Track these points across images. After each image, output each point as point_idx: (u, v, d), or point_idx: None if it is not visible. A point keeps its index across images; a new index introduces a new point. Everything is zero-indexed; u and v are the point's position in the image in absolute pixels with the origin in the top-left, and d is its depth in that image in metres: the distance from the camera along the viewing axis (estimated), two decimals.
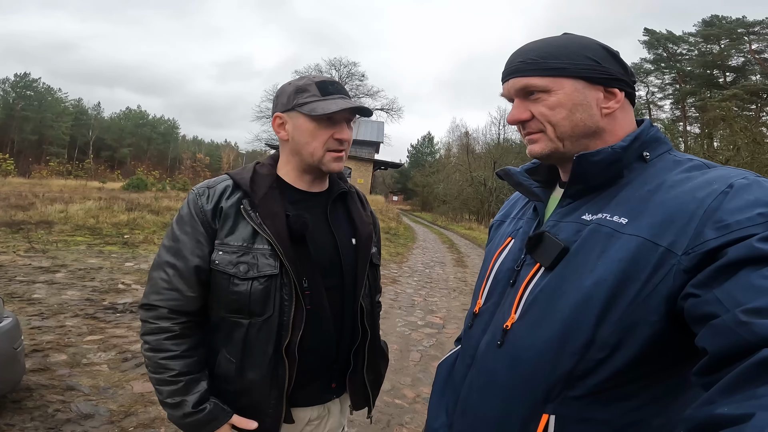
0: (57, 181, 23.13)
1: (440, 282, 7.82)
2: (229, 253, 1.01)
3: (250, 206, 1.03)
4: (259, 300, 1.00)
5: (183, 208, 1.07)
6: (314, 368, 1.09)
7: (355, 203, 1.23)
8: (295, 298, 1.02)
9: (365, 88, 51.27)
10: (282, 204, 1.07)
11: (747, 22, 31.33)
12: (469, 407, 0.79)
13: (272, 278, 1.00)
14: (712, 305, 0.52)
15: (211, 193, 1.06)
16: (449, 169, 38.26)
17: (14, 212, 9.14)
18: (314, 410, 1.13)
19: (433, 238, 17.12)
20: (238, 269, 1.00)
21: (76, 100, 64.11)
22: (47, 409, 2.47)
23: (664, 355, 0.63)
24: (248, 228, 1.02)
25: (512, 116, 0.78)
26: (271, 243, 1.00)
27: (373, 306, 1.21)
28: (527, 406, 0.69)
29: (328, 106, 1.03)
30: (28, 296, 4.55)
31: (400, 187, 59.24)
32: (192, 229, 1.03)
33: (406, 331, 4.68)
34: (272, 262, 1.01)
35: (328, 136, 1.06)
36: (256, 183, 1.07)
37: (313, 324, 1.05)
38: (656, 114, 37.41)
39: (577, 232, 0.72)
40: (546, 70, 0.73)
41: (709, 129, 23.80)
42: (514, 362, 0.71)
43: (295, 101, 1.06)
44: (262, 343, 1.01)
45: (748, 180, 0.61)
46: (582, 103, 0.73)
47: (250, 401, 1.04)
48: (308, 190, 1.15)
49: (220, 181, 1.09)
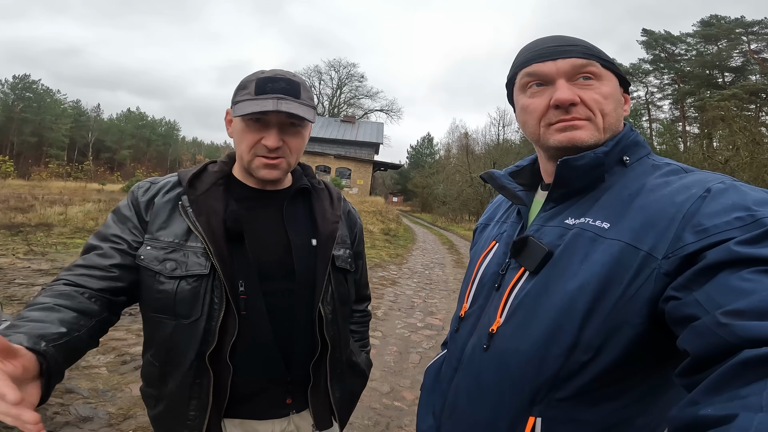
0: (56, 183, 23.12)
1: (440, 283, 7.82)
2: (157, 248, 0.94)
3: (188, 202, 0.98)
4: (185, 301, 0.92)
5: (121, 201, 1.04)
6: (255, 379, 1.00)
7: (320, 201, 1.13)
8: (226, 302, 0.94)
9: (365, 89, 51.39)
10: (224, 201, 1.00)
11: (746, 22, 31.37)
12: (456, 410, 0.80)
13: (201, 278, 0.93)
14: (693, 307, 0.53)
15: (151, 187, 1.02)
16: (449, 170, 38.23)
17: (13, 214, 9.14)
18: (274, 424, 1.05)
19: (433, 239, 17.13)
20: (165, 266, 0.93)
21: (75, 101, 64.10)
22: (46, 412, 2.47)
23: (647, 357, 0.64)
24: (183, 225, 0.96)
25: (567, 95, 0.72)
26: (203, 240, 0.94)
27: (336, 314, 1.08)
28: (514, 408, 0.70)
29: (250, 106, 0.93)
30: (28, 299, 4.55)
31: (400, 188, 59.25)
32: (120, 217, 0.99)
33: (406, 333, 4.68)
34: (203, 261, 0.93)
35: (255, 140, 0.97)
36: (199, 179, 1.02)
37: (247, 331, 0.96)
38: (655, 114, 37.48)
39: (560, 236, 0.73)
40: (602, 60, 0.76)
41: (709, 129, 23.81)
42: (500, 365, 0.72)
43: (234, 98, 0.99)
44: (185, 347, 0.93)
45: (725, 184, 0.63)
46: (620, 100, 0.77)
47: (168, 408, 0.98)
48: (261, 187, 1.07)
49: (167, 177, 1.06)
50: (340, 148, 32.11)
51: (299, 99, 0.97)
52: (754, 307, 0.46)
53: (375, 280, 7.25)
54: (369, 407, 2.93)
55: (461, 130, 48.07)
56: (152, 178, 1.06)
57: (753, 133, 16.37)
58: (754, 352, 0.43)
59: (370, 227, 13.47)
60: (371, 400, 3.03)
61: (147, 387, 1.02)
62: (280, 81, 0.96)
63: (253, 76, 0.98)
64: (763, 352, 0.42)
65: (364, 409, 2.89)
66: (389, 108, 51.26)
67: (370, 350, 1.39)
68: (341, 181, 24.86)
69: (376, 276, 7.64)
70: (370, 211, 17.25)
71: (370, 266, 8.46)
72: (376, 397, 3.09)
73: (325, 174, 29.93)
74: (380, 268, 8.48)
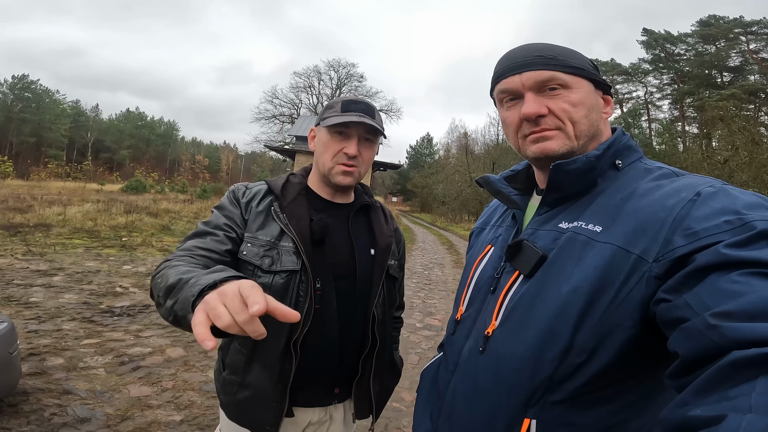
0: (55, 183, 23.09)
1: (439, 284, 7.82)
2: (257, 246, 1.10)
3: (279, 209, 1.14)
4: (278, 293, 1.05)
5: (223, 200, 1.19)
6: (315, 368, 1.11)
7: (377, 217, 1.30)
8: (310, 295, 1.07)
9: (364, 89, 51.35)
10: (307, 209, 1.16)
11: (744, 21, 31.41)
12: (453, 413, 0.80)
13: (293, 274, 1.08)
14: (683, 310, 0.53)
15: (247, 191, 1.19)
16: (448, 170, 38.27)
17: (12, 215, 9.13)
18: (315, 413, 1.16)
19: (432, 239, 17.12)
20: (263, 261, 1.08)
21: (74, 101, 63.98)
22: (44, 413, 2.47)
23: (640, 360, 0.64)
24: (276, 227, 1.12)
25: (532, 109, 0.74)
26: (294, 242, 1.09)
27: (385, 316, 1.23)
28: (510, 411, 0.70)
29: (337, 119, 1.11)
30: (26, 300, 4.55)
31: (400, 189, 59.25)
32: (228, 212, 1.14)
33: (405, 334, 4.68)
34: (294, 259, 1.08)
35: (339, 149, 1.14)
36: (286, 189, 1.19)
37: (319, 323, 1.09)
38: (654, 114, 37.48)
39: (554, 240, 0.73)
40: (568, 67, 0.75)
41: (708, 129, 23.85)
42: (496, 368, 0.73)
43: (321, 116, 1.17)
44: (275, 336, 1.04)
45: (714, 188, 0.63)
46: (595, 105, 0.77)
47: (255, 393, 1.07)
48: (331, 200, 1.23)
49: (258, 185, 1.21)
50: None
51: (374, 119, 1.16)
52: (743, 309, 0.47)
53: None
54: None
55: (460, 130, 48.14)
56: (245, 183, 1.23)
57: (752, 132, 16.38)
58: (742, 353, 0.43)
59: None
60: None
61: (231, 374, 1.11)
62: (360, 103, 1.15)
63: (339, 99, 1.17)
64: (751, 354, 0.42)
65: None
66: (389, 108, 51.15)
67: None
68: None
69: None
70: None
71: None
72: None
73: None
74: None
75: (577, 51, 0.79)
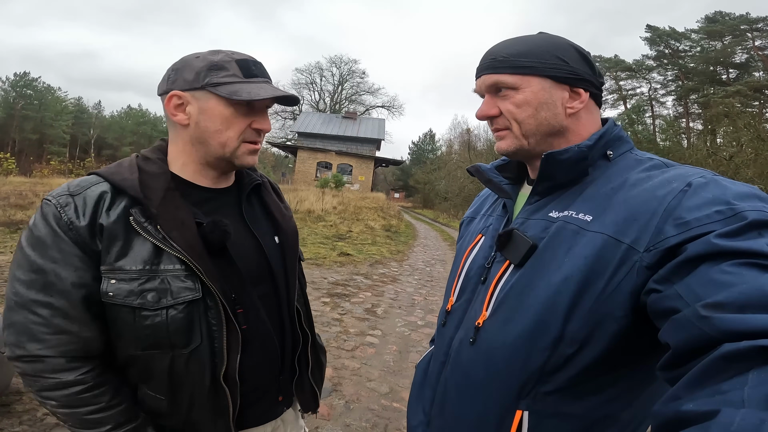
0: (58, 180, 23.11)
1: (441, 281, 7.77)
2: (127, 281, 0.78)
3: (144, 216, 0.81)
4: (181, 330, 0.81)
5: (37, 226, 0.79)
6: (261, 386, 0.97)
7: (271, 196, 1.07)
8: (226, 320, 0.84)
9: (366, 85, 51.32)
10: (187, 208, 0.86)
11: (750, 18, 31.14)
12: (446, 405, 0.81)
13: (193, 304, 0.81)
14: (674, 300, 0.53)
15: (79, 204, 0.79)
16: (451, 166, 38.16)
17: (13, 211, 9.12)
18: (267, 426, 1.03)
19: (435, 235, 17.09)
20: (146, 299, 0.79)
21: (76, 99, 64.17)
22: (36, 413, 2.45)
23: (631, 350, 0.64)
24: (147, 246, 0.80)
25: (480, 111, 0.80)
26: (184, 261, 0.80)
27: (308, 306, 1.11)
28: (502, 402, 0.70)
29: (256, 91, 0.85)
30: None
31: (402, 185, 59.19)
32: (62, 254, 0.77)
33: (406, 332, 4.64)
34: (191, 284, 0.81)
35: (246, 125, 0.88)
36: (147, 185, 0.83)
37: (254, 343, 0.91)
38: (659, 110, 37.29)
39: (544, 229, 0.73)
40: (515, 68, 0.75)
41: (712, 125, 23.71)
42: (487, 359, 0.73)
43: (207, 79, 0.85)
44: (196, 375, 0.84)
45: (705, 179, 0.63)
46: (547, 102, 0.75)
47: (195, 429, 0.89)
48: (213, 186, 0.95)
49: (89, 185, 0.82)
50: (341, 144, 32.04)
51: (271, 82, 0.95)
52: (734, 300, 0.47)
53: (375, 277, 7.21)
54: (367, 408, 2.87)
55: (463, 126, 48.06)
56: (67, 187, 0.82)
57: (757, 129, 16.29)
58: (734, 346, 0.43)
59: (371, 223, 13.42)
60: (369, 401, 2.97)
61: (157, 420, 0.88)
62: (257, 64, 0.92)
63: (227, 56, 0.88)
64: (743, 347, 0.42)
65: (363, 410, 2.83)
66: (391, 104, 51.19)
67: None
68: (343, 177, 24.74)
69: (376, 273, 7.59)
70: (372, 207, 17.22)
71: (371, 263, 8.43)
72: (374, 398, 3.02)
73: (327, 170, 29.92)
74: (381, 265, 8.43)
75: (547, 42, 0.76)
